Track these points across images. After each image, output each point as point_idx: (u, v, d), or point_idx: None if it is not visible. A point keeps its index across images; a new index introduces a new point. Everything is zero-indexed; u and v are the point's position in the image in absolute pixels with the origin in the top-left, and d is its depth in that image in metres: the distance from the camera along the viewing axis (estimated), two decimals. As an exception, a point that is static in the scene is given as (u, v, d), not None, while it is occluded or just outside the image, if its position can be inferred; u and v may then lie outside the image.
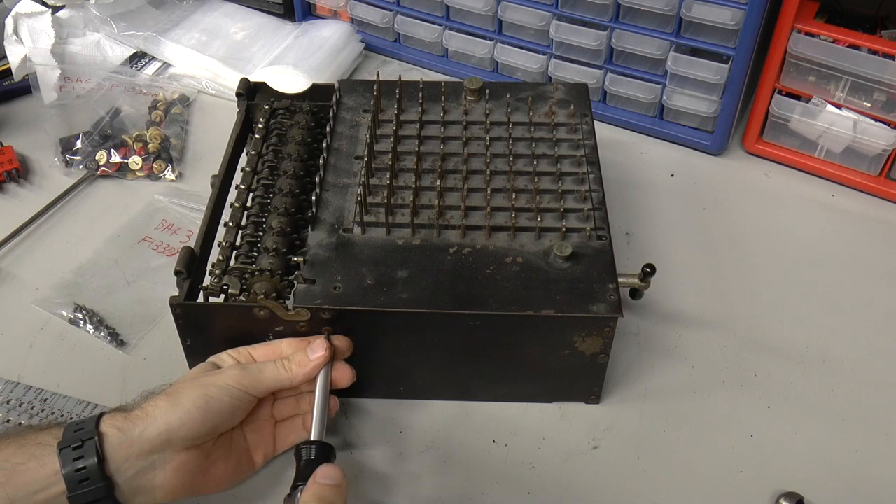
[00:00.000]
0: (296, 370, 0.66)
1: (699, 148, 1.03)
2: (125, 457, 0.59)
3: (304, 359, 0.66)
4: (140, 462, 0.59)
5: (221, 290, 0.70)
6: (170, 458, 0.60)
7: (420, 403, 0.75)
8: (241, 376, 0.64)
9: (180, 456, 0.61)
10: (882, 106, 0.92)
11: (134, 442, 0.59)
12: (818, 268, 0.89)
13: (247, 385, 0.64)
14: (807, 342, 0.81)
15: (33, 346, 0.79)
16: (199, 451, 0.62)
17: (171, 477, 0.61)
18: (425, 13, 1.12)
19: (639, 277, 0.75)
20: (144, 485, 0.60)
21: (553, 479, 0.70)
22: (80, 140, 0.99)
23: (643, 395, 0.76)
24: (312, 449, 0.63)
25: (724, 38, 0.94)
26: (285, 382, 0.66)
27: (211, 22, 1.19)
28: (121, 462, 0.59)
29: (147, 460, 0.60)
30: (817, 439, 0.73)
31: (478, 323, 0.68)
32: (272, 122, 0.86)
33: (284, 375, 0.65)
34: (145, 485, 0.60)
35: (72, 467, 0.57)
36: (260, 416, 0.68)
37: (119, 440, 0.59)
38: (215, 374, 0.64)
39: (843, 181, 0.98)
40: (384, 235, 0.74)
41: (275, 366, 0.66)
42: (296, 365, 0.66)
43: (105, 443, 0.59)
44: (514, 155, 0.81)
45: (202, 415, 0.61)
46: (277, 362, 0.66)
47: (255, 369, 0.65)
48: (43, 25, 1.09)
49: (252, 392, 0.64)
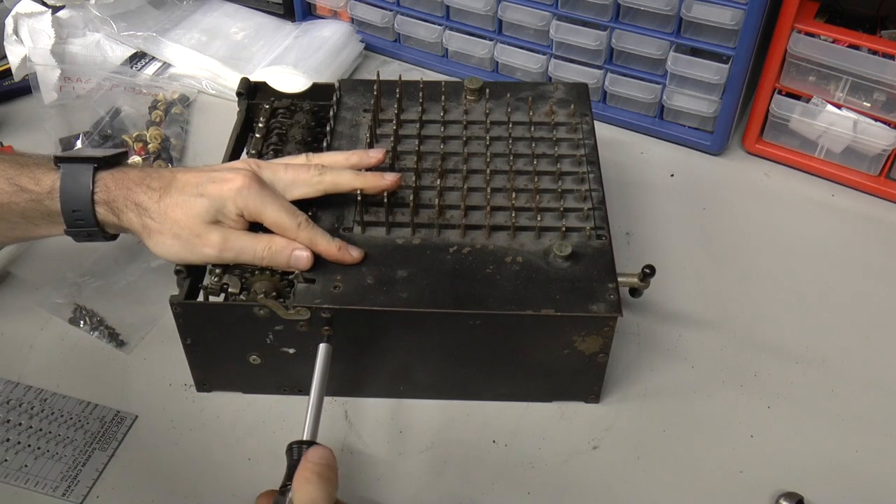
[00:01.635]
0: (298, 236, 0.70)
1: (699, 148, 1.03)
2: (116, 195, 0.69)
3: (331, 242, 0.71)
4: (130, 206, 0.69)
5: (221, 289, 0.70)
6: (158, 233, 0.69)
7: (420, 403, 0.75)
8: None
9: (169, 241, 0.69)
10: (882, 106, 0.92)
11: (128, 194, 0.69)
12: (818, 268, 0.89)
13: None
14: (807, 342, 0.81)
15: (33, 346, 0.79)
16: None
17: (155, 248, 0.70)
18: (425, 13, 1.12)
19: (639, 278, 0.75)
20: (128, 226, 0.70)
21: (553, 479, 0.70)
22: (80, 140, 0.99)
23: (643, 395, 0.76)
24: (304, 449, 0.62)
25: (724, 38, 0.94)
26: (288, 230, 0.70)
27: (211, 22, 1.19)
28: (111, 199, 0.69)
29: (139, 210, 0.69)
30: (817, 439, 0.73)
31: (477, 322, 0.68)
32: (272, 121, 0.86)
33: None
34: (129, 227, 0.70)
35: (68, 199, 0.68)
36: None
37: (113, 180, 0.69)
38: None
39: (843, 181, 0.98)
40: (384, 235, 0.74)
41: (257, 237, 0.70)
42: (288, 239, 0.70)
43: (98, 183, 0.69)
44: (514, 154, 0.81)
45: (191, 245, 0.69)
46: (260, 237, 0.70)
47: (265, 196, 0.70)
48: (43, 25, 1.09)
49: None
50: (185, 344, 0.71)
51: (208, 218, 0.67)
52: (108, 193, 0.68)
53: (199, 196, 0.67)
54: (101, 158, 0.70)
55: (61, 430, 0.72)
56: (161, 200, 0.68)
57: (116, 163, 0.72)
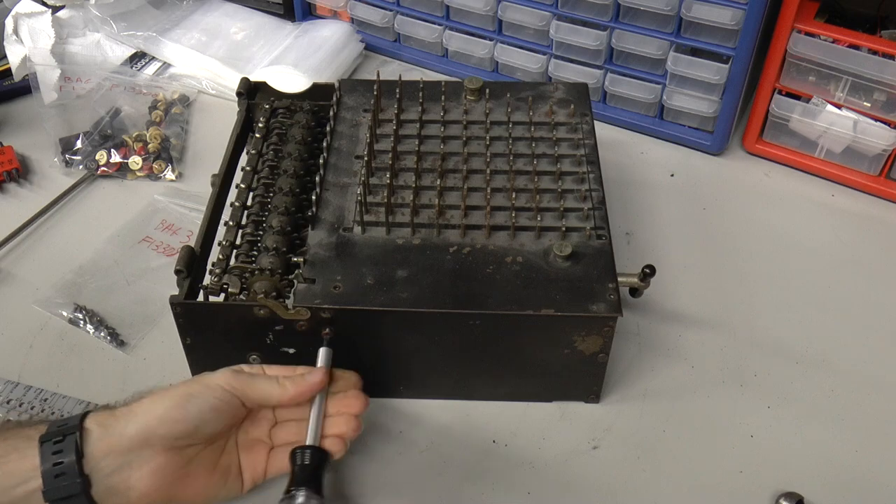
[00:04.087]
0: (289, 386, 0.64)
1: (699, 148, 1.03)
2: (104, 454, 0.58)
3: (301, 379, 0.65)
4: (118, 460, 0.58)
5: (222, 289, 0.70)
6: (148, 458, 0.59)
7: (420, 403, 0.75)
8: (230, 378, 0.63)
9: (158, 458, 0.59)
10: (882, 106, 0.92)
11: (114, 439, 0.58)
12: (818, 268, 0.89)
13: (235, 387, 0.62)
14: (807, 342, 0.81)
15: (33, 346, 0.79)
16: (179, 457, 0.60)
17: (147, 479, 0.59)
18: (425, 13, 1.12)
19: (638, 278, 0.75)
20: (119, 485, 0.58)
21: (553, 479, 0.70)
22: (80, 140, 0.99)
23: (643, 395, 0.76)
24: (307, 453, 0.62)
25: (724, 38, 0.94)
26: (275, 395, 0.64)
27: (211, 22, 1.19)
28: (99, 459, 0.58)
29: (125, 458, 0.58)
30: (817, 439, 0.73)
31: (478, 322, 0.68)
32: (272, 121, 0.86)
33: (276, 389, 0.64)
34: (120, 485, 0.58)
35: (50, 462, 0.57)
36: (255, 436, 0.66)
37: (100, 436, 0.58)
38: (207, 374, 0.63)
39: (843, 181, 0.98)
40: (384, 235, 0.74)
41: (268, 378, 0.65)
42: (290, 382, 0.64)
43: (87, 439, 0.58)
44: (514, 154, 0.81)
45: (181, 413, 0.60)
46: (272, 377, 0.65)
47: (247, 376, 0.64)
48: (43, 25, 1.09)
49: (239, 395, 0.62)
50: (185, 344, 0.71)
51: None
52: None
53: None
54: None
55: (61, 430, 0.72)
56: None
57: None
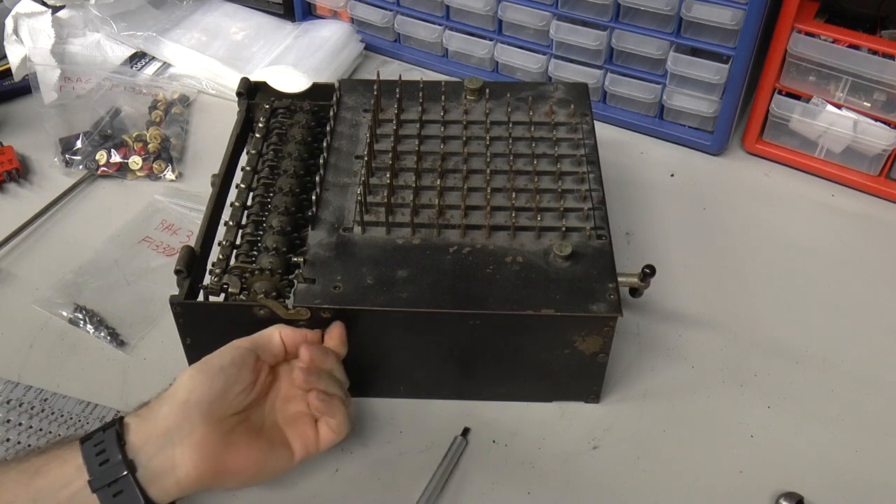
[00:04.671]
0: (285, 328, 0.67)
1: (699, 148, 1.03)
2: (144, 440, 0.59)
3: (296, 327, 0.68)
4: (159, 441, 0.59)
5: (222, 289, 0.70)
6: (188, 432, 0.60)
7: (420, 403, 0.75)
8: (237, 340, 0.66)
9: (198, 431, 0.60)
10: (882, 106, 0.92)
11: (151, 424, 0.60)
12: (818, 268, 0.89)
13: (244, 342, 0.65)
14: (807, 342, 0.81)
15: (33, 346, 0.79)
16: (219, 428, 0.61)
17: (191, 453, 0.60)
18: (425, 13, 1.12)
19: (638, 278, 0.75)
20: (164, 464, 0.59)
21: (553, 479, 0.70)
22: (80, 140, 0.99)
23: (643, 395, 0.76)
24: None
25: (724, 38, 0.94)
26: (275, 336, 0.66)
27: (211, 22, 1.19)
28: (141, 445, 0.59)
29: (166, 438, 0.59)
30: (817, 439, 0.73)
31: (478, 322, 0.68)
32: (272, 121, 0.86)
33: (275, 330, 0.67)
34: (165, 464, 0.59)
35: (93, 453, 0.58)
36: (296, 410, 0.67)
37: (138, 425, 0.60)
38: None
39: (843, 181, 0.98)
40: (384, 235, 0.74)
41: (268, 329, 0.67)
42: (284, 326, 0.67)
43: (126, 430, 0.60)
44: (514, 154, 0.81)
45: (206, 376, 0.62)
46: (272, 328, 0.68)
47: (260, 332, 0.67)
48: (43, 25, 1.09)
49: (249, 347, 0.65)
50: (185, 344, 0.71)
51: None
52: None
53: None
54: None
55: (61, 430, 0.72)
56: None
57: None
